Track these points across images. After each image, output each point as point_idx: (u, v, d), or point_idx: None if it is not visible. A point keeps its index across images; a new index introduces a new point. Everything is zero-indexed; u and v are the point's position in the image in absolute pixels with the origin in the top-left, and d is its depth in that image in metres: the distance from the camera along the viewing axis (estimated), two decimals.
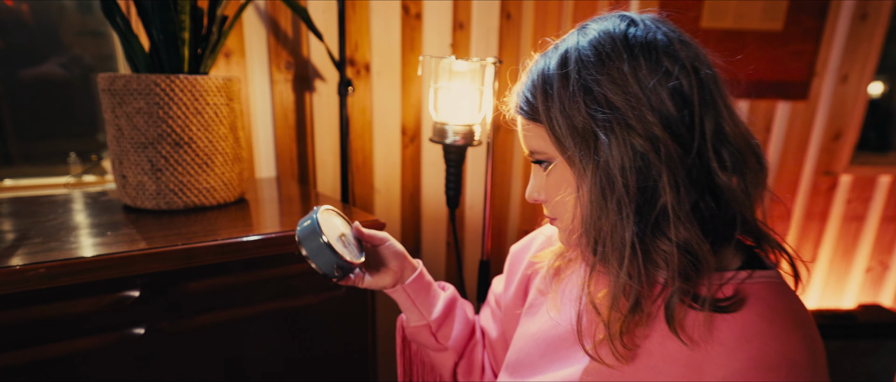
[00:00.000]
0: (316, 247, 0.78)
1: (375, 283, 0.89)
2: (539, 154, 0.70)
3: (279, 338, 1.07)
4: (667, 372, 0.64)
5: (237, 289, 1.01)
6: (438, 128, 1.39)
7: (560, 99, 0.64)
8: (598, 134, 0.62)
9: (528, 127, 0.70)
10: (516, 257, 1.00)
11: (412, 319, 0.97)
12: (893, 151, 2.80)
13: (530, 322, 0.88)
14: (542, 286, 0.89)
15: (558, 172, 0.69)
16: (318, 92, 1.74)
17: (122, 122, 1.10)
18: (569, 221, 0.70)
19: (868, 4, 2.29)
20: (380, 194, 1.92)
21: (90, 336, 0.89)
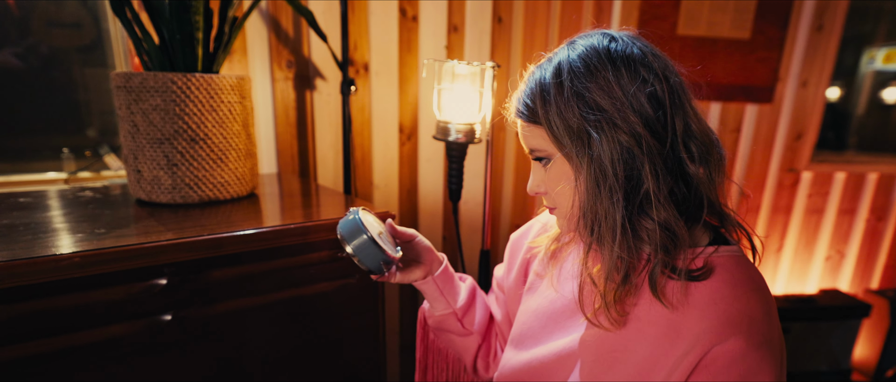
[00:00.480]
0: (362, 243, 0.84)
1: (407, 277, 0.97)
2: (539, 152, 0.80)
3: (296, 323, 1.12)
4: (651, 333, 0.75)
5: (256, 277, 1.05)
6: (442, 126, 1.45)
7: (556, 104, 0.74)
8: (590, 132, 0.72)
9: (528, 129, 0.79)
10: (516, 243, 1.09)
11: (439, 308, 1.05)
12: (849, 150, 3.03)
13: (531, 300, 0.97)
14: (540, 268, 0.99)
15: (557, 167, 0.78)
16: (318, 90, 1.78)
17: (138, 118, 1.13)
18: (568, 208, 0.79)
19: (824, 16, 2.45)
20: (379, 189, 1.97)
21: (120, 323, 0.92)
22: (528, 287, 1.00)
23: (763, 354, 0.70)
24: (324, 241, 1.10)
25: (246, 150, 1.25)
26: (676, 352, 0.72)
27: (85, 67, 1.65)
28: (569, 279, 0.91)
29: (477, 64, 1.41)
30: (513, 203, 2.23)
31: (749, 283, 0.74)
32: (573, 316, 0.87)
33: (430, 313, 1.07)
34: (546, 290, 0.94)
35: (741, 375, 0.69)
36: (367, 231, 0.84)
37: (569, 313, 0.88)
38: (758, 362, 0.69)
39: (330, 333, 1.17)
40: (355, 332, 1.21)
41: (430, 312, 1.07)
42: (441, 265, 1.02)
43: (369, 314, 1.21)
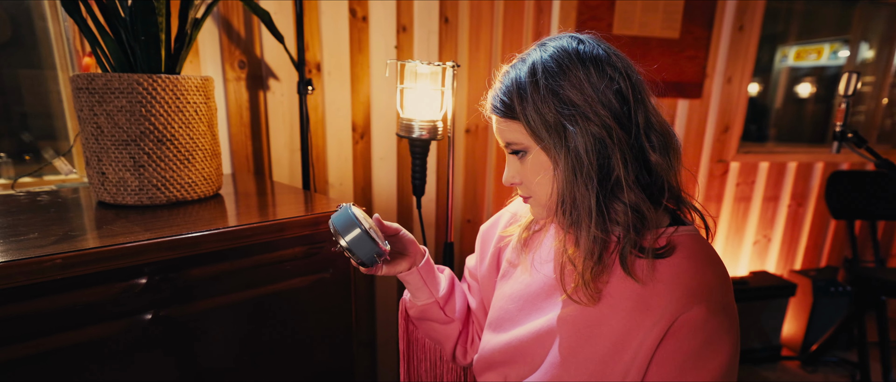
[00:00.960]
0: (357, 237, 0.87)
1: (393, 269, 1.01)
2: (516, 145, 0.85)
3: (273, 318, 1.13)
4: (623, 307, 0.82)
5: (234, 275, 1.06)
6: (405, 124, 1.49)
7: (533, 101, 0.80)
8: (566, 126, 0.79)
9: (505, 124, 0.84)
10: (486, 234, 1.15)
11: (422, 298, 1.09)
12: (769, 141, 3.29)
13: (506, 286, 1.03)
14: (513, 256, 1.04)
15: (534, 158, 0.84)
16: (272, 91, 1.79)
17: (102, 120, 1.12)
18: (545, 196, 0.86)
19: (744, 17, 2.63)
20: (334, 188, 1.99)
21: (101, 324, 0.92)
22: (502, 275, 1.05)
23: (722, 319, 0.79)
24: (299, 237, 1.13)
25: (212, 150, 1.26)
26: (646, 323, 0.79)
27: (16, 69, 1.60)
28: (542, 264, 0.97)
29: (439, 64, 1.46)
30: (463, 199, 2.29)
31: (706, 257, 0.83)
32: (548, 298, 0.93)
33: (411, 304, 1.11)
34: (520, 276, 1.00)
35: (704, 339, 0.78)
36: (361, 225, 0.87)
37: (544, 295, 0.94)
38: (717, 326, 0.78)
39: (305, 327, 1.19)
40: (330, 325, 1.23)
41: (412, 302, 1.11)
42: (424, 257, 1.06)
43: (342, 309, 1.24)
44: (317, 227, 1.14)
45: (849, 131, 1.57)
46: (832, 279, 2.90)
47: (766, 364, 2.90)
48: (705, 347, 0.78)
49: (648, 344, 0.79)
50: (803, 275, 2.95)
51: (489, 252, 1.11)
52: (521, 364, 0.95)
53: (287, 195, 1.38)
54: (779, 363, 2.90)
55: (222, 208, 1.20)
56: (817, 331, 2.91)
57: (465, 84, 2.15)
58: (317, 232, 1.15)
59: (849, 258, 2.54)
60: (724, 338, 0.79)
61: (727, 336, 0.79)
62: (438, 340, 1.15)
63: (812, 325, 2.90)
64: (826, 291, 2.85)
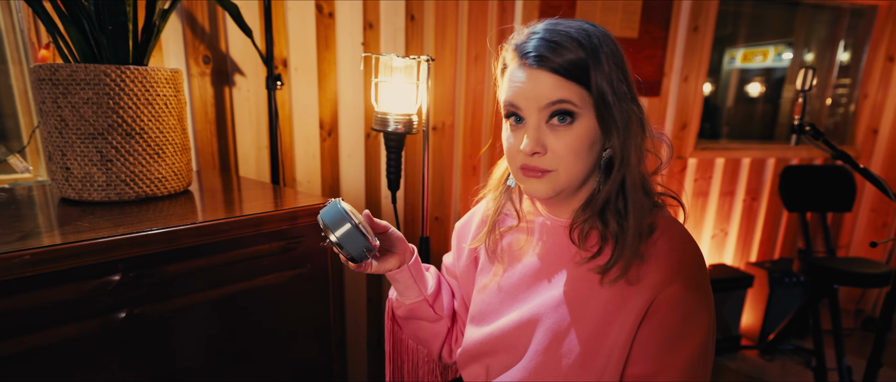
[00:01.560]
0: (347, 232, 0.85)
1: (383, 266, 0.99)
2: (569, 105, 0.78)
3: (250, 315, 1.10)
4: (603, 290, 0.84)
5: (210, 271, 1.03)
6: (380, 118, 1.48)
7: (608, 69, 0.78)
8: (631, 103, 0.81)
9: (562, 82, 0.78)
10: (461, 231, 1.13)
11: (411, 296, 1.06)
12: (722, 138, 3.39)
13: (485, 280, 1.03)
14: (489, 250, 1.04)
15: (582, 128, 0.80)
16: (238, 87, 1.75)
17: (67, 113, 1.08)
18: (576, 174, 0.83)
19: (699, 18, 2.71)
20: (302, 185, 1.96)
21: (73, 323, 0.88)
22: (481, 269, 1.05)
23: (698, 296, 0.81)
24: (276, 232, 1.10)
25: (182, 144, 1.22)
26: (628, 302, 0.81)
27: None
28: (519, 255, 0.97)
29: (414, 57, 1.45)
30: (431, 196, 2.29)
31: (682, 238, 0.85)
32: (529, 288, 0.93)
33: (400, 303, 1.08)
34: (499, 269, 1.00)
35: (682, 315, 0.80)
36: (351, 220, 0.86)
37: (524, 285, 0.94)
38: (695, 303, 0.81)
39: (283, 323, 1.17)
40: (307, 321, 1.21)
41: (401, 301, 1.08)
42: (414, 255, 1.04)
43: (320, 305, 1.22)
44: (294, 221, 1.12)
45: (806, 125, 1.63)
46: (786, 270, 3.00)
47: (726, 355, 2.98)
48: (684, 323, 0.80)
49: (630, 323, 0.81)
50: (759, 267, 3.04)
51: (466, 248, 1.10)
52: (504, 353, 0.95)
53: (257, 191, 1.35)
54: (738, 352, 2.99)
55: (194, 205, 1.16)
56: (774, 321, 3.00)
57: (431, 76, 2.14)
58: (294, 227, 1.13)
59: (802, 249, 2.63)
60: (703, 315, 0.81)
61: (705, 313, 0.82)
62: (426, 339, 1.13)
63: (769, 315, 3.00)
64: (781, 282, 2.95)
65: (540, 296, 0.90)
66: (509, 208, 1.01)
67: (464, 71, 2.21)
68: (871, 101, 3.23)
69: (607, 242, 0.84)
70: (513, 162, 0.86)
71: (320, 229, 0.88)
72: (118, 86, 1.08)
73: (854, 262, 2.58)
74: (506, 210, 1.01)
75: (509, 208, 1.01)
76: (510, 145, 0.85)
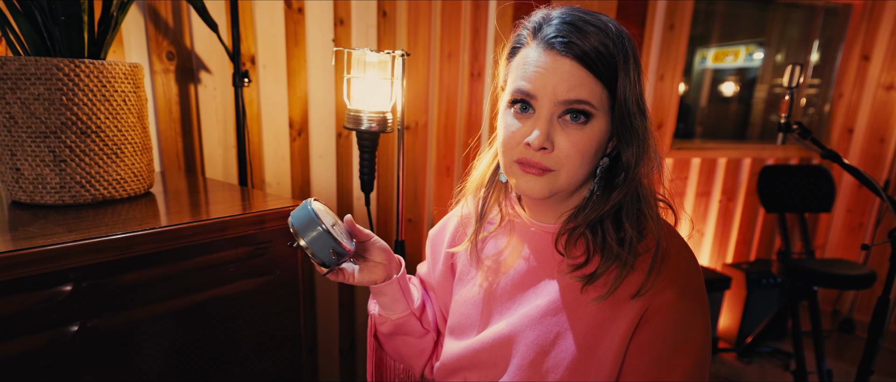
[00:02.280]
0: (316, 235, 0.80)
1: (366, 278, 0.91)
2: (587, 106, 0.72)
3: (216, 325, 1.04)
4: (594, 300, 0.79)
5: (171, 279, 0.97)
6: (353, 116, 1.42)
7: (632, 68, 0.74)
8: (643, 106, 0.76)
9: (584, 76, 0.71)
10: (436, 239, 1.07)
11: (398, 310, 0.99)
12: (696, 138, 3.39)
13: (464, 290, 0.97)
14: (467, 259, 0.98)
15: (595, 131, 0.75)
16: (203, 84, 1.68)
17: (16, 109, 1.00)
18: (578, 178, 0.78)
19: (674, 16, 2.69)
20: (271, 187, 1.89)
21: (20, 338, 0.81)
22: (459, 279, 0.99)
23: (694, 304, 0.77)
24: (242, 237, 1.04)
25: (142, 144, 1.15)
26: (619, 312, 0.76)
27: None
28: (501, 264, 0.92)
29: (389, 52, 1.39)
30: (404, 196, 2.23)
31: (675, 243, 0.80)
32: (512, 298, 0.88)
33: (383, 318, 1.01)
34: (479, 278, 0.94)
35: (678, 323, 0.75)
36: (322, 223, 0.80)
37: (505, 297, 0.89)
38: (691, 310, 0.76)
39: (251, 334, 1.10)
40: (277, 330, 1.15)
41: (386, 317, 1.00)
42: (401, 267, 0.98)
43: (290, 313, 1.16)
44: (262, 226, 1.06)
45: (794, 124, 1.61)
46: (763, 271, 3.00)
47: None
48: (679, 332, 0.76)
49: (621, 333, 0.76)
50: (736, 268, 3.04)
51: (441, 257, 1.04)
52: (485, 368, 0.89)
53: (224, 193, 1.28)
54: (716, 355, 2.98)
55: (155, 208, 1.09)
56: (751, 323, 2.99)
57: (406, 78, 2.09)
58: (262, 231, 1.06)
59: (782, 250, 2.63)
60: (698, 322, 0.77)
61: (701, 320, 0.77)
62: (410, 356, 1.06)
63: (746, 317, 2.98)
64: (758, 283, 2.94)
65: (523, 307, 0.85)
66: (493, 210, 0.95)
67: (437, 69, 2.16)
68: (847, 100, 3.25)
69: (595, 252, 0.80)
70: (509, 153, 0.79)
71: (290, 233, 0.83)
72: (72, 81, 1.01)
73: (834, 263, 2.59)
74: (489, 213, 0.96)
75: (493, 211, 0.95)
76: (512, 133, 0.77)
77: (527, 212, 0.91)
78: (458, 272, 1.00)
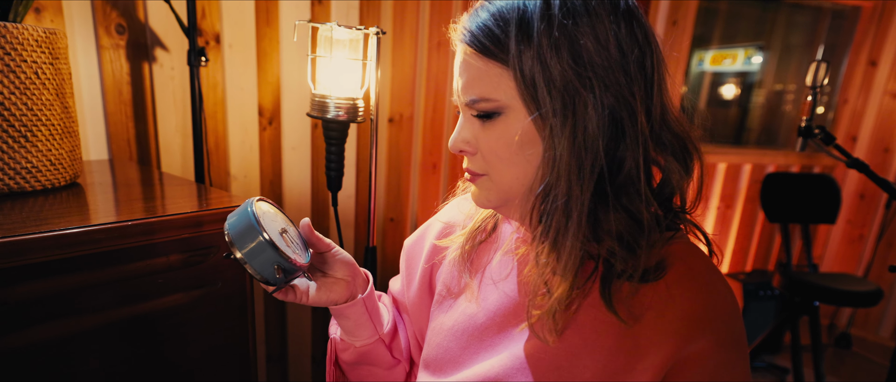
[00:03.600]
0: (255, 246, 0.63)
1: (325, 297, 0.74)
2: (487, 104, 0.61)
3: (146, 345, 0.86)
4: (602, 343, 0.62)
5: (89, 291, 0.78)
6: (318, 102, 1.24)
7: (540, 45, 0.56)
8: (578, 91, 0.57)
9: (480, 65, 0.60)
10: (412, 251, 0.90)
11: (363, 336, 0.81)
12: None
13: (445, 317, 0.79)
14: (451, 278, 0.81)
15: (510, 125, 0.61)
16: (159, 63, 1.49)
17: None
18: (509, 180, 0.63)
19: (678, 12, 2.53)
20: (237, 180, 1.70)
21: None
22: (438, 301, 0.82)
23: (733, 355, 0.60)
24: (176, 241, 0.86)
25: (63, 126, 0.96)
26: (636, 366, 0.60)
27: None
28: (491, 287, 0.74)
29: (360, 28, 1.21)
30: (386, 195, 2.06)
31: (709, 274, 0.63)
32: (500, 332, 0.71)
33: (346, 344, 0.83)
34: (462, 303, 0.77)
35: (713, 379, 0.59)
36: (264, 231, 0.62)
37: (494, 329, 0.72)
38: (731, 363, 0.60)
39: (188, 354, 0.92)
40: (221, 350, 0.97)
41: (349, 343, 0.83)
42: (368, 284, 0.81)
43: (238, 329, 0.98)
44: (199, 229, 0.88)
45: (816, 127, 1.44)
46: (761, 282, 2.86)
47: None
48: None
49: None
50: (733, 279, 2.90)
51: (418, 273, 0.86)
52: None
53: (172, 188, 1.10)
54: None
55: (76, 204, 0.91)
56: (747, 336, 2.83)
57: (387, 66, 1.91)
58: (200, 235, 0.88)
59: (783, 262, 2.48)
60: (740, 378, 0.61)
61: (743, 376, 0.61)
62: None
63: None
64: (755, 295, 2.81)
65: (514, 343, 0.68)
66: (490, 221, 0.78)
67: (425, 58, 1.99)
68: (852, 107, 3.11)
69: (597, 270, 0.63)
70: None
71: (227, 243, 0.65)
72: None
73: (837, 278, 2.44)
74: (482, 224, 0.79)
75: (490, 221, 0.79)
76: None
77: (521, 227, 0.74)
78: (437, 293, 0.83)
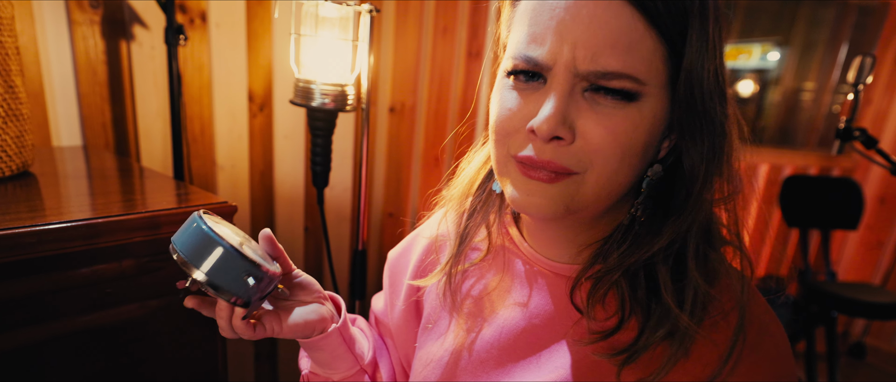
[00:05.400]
0: (218, 258, 0.51)
1: (299, 327, 0.62)
2: (627, 81, 0.45)
3: (93, 366, 0.75)
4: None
5: (19, 304, 0.68)
6: (302, 88, 1.12)
7: (712, 30, 0.46)
8: (725, 92, 0.48)
9: (639, 30, 0.44)
10: (396, 266, 0.79)
11: (341, 369, 0.70)
12: None
13: (433, 345, 0.68)
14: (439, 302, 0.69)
15: (642, 116, 0.47)
16: (138, 41, 1.37)
17: None
18: (612, 180, 0.49)
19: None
20: (224, 170, 1.58)
21: None
22: (426, 325, 0.70)
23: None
24: (127, 245, 0.75)
25: (6, 108, 0.85)
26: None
27: None
28: (486, 313, 0.63)
29: (351, 4, 1.08)
30: (385, 189, 1.94)
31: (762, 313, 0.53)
32: (500, 366, 0.60)
33: (320, 378, 0.72)
34: (454, 330, 0.66)
35: None
36: (221, 238, 0.51)
37: (492, 362, 0.61)
38: None
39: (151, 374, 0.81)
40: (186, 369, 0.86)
41: (325, 377, 0.71)
42: (342, 310, 0.69)
43: (204, 346, 0.87)
44: (157, 231, 0.76)
45: (856, 129, 1.30)
46: (774, 288, 2.74)
47: None
48: None
49: None
50: None
51: (402, 291, 0.75)
52: None
53: (148, 181, 0.99)
54: None
55: (19, 198, 0.80)
56: None
57: (389, 51, 1.79)
58: (158, 238, 0.77)
59: (801, 269, 2.36)
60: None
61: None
62: None
63: None
64: (770, 302, 2.67)
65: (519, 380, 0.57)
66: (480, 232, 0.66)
67: (430, 45, 1.87)
68: (875, 108, 2.97)
69: (633, 312, 0.51)
70: (502, 144, 0.52)
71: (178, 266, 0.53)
72: None
73: (858, 288, 2.32)
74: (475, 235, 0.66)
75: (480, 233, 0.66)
76: (509, 114, 0.50)
77: (528, 240, 0.62)
78: (425, 315, 0.71)
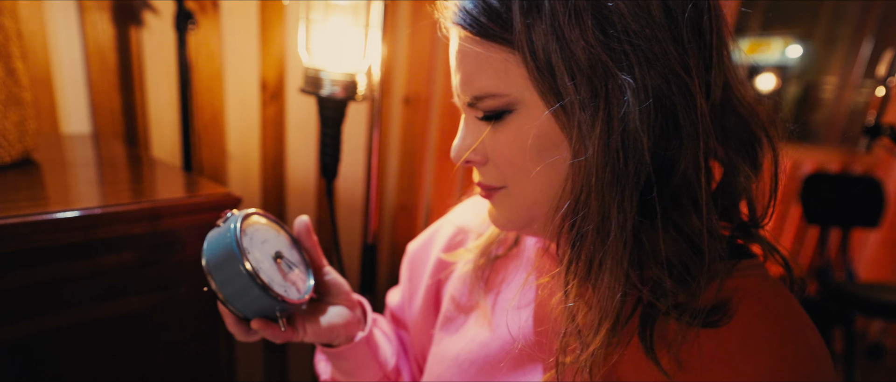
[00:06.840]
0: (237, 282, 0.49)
1: (323, 332, 0.60)
2: (493, 100, 0.48)
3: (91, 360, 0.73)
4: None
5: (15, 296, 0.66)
6: (311, 76, 1.10)
7: (554, 14, 0.42)
8: (611, 72, 0.42)
9: (480, 53, 0.47)
10: (416, 259, 0.77)
11: (366, 377, 0.68)
12: None
13: (450, 342, 0.66)
14: (461, 294, 0.67)
15: (523, 124, 0.47)
16: (149, 28, 1.35)
17: None
18: (531, 195, 0.49)
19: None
20: (234, 160, 1.57)
21: None
22: (444, 321, 0.68)
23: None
24: (127, 237, 0.73)
25: (7, 93, 0.83)
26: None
27: None
28: (509, 313, 0.61)
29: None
30: (398, 181, 1.92)
31: (793, 317, 0.48)
32: (518, 368, 0.57)
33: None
34: (473, 327, 0.64)
35: None
36: (244, 260, 0.49)
37: (512, 363, 0.58)
38: None
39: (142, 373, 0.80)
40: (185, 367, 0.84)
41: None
42: (368, 316, 0.67)
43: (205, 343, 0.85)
44: (157, 222, 0.74)
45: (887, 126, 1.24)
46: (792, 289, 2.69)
47: None
48: None
49: None
50: None
51: (422, 286, 0.73)
52: None
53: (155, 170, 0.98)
54: None
55: (20, 186, 0.78)
56: None
57: (404, 40, 1.76)
58: (157, 230, 0.75)
59: (822, 268, 2.31)
60: None
61: None
62: None
63: None
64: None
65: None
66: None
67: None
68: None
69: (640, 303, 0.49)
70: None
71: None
72: None
73: (879, 289, 2.27)
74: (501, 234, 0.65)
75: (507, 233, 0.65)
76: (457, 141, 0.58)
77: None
78: (443, 311, 0.69)
